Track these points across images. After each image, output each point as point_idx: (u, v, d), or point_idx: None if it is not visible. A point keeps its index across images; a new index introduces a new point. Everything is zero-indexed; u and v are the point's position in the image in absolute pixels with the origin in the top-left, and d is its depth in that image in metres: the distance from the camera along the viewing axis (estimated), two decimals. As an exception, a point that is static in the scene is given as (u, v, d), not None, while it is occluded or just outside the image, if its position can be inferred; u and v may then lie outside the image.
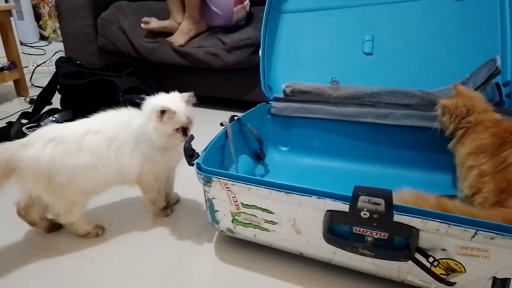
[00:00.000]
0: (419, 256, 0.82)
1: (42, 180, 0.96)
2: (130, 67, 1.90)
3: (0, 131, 1.64)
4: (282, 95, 1.45)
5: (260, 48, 1.49)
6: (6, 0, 3.46)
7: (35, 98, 1.93)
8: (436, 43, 1.34)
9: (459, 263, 0.80)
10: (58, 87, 1.81)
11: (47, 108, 1.82)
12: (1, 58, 2.36)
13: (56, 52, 2.84)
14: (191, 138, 1.03)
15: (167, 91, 1.12)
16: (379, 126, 1.34)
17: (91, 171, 1.01)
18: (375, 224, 0.80)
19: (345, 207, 0.82)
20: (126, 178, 1.09)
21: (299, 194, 0.86)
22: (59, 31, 3.25)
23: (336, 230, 0.87)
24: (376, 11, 1.42)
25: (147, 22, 2.07)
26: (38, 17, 3.96)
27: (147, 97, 1.69)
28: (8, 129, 1.64)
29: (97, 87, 1.69)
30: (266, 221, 0.95)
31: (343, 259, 0.91)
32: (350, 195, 0.80)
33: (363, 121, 1.36)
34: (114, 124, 1.06)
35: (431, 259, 0.81)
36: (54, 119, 1.70)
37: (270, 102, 1.46)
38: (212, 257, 1.05)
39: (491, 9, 1.29)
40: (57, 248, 1.08)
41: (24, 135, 1.01)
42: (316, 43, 1.50)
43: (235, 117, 1.26)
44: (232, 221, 0.99)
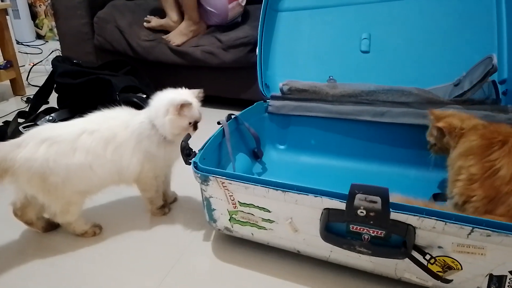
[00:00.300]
0: (416, 254, 0.82)
1: (36, 181, 0.96)
2: (127, 66, 1.89)
3: (-3, 131, 1.63)
4: (279, 93, 1.45)
5: (257, 47, 1.49)
6: (2, -1, 3.44)
7: (31, 97, 1.92)
8: (433, 41, 1.35)
9: (456, 260, 0.80)
10: (55, 86, 1.80)
11: (44, 107, 1.82)
12: (-3, 58, 2.35)
13: (52, 51, 2.83)
14: (188, 137, 1.03)
15: (164, 90, 1.12)
16: (376, 124, 1.34)
17: (86, 171, 1.01)
18: (371, 222, 0.81)
19: (342, 205, 0.82)
20: (124, 178, 1.09)
21: (296, 193, 0.86)
22: (55, 30, 3.24)
23: (333, 228, 0.87)
24: (373, 9, 1.42)
25: (149, 20, 2.11)
26: (34, 16, 3.95)
27: (144, 95, 1.70)
28: (5, 128, 1.64)
29: (93, 86, 1.68)
30: (263, 219, 0.95)
31: (340, 257, 0.92)
32: (347, 193, 0.80)
33: (360, 119, 1.36)
34: (111, 124, 1.05)
35: (428, 257, 0.82)
36: (51, 118, 1.70)
37: (268, 101, 1.46)
38: (210, 255, 1.05)
39: (488, 7, 1.29)
40: (54, 248, 1.07)
41: (21, 135, 1.01)
42: (313, 41, 1.50)
43: (232, 115, 1.26)
44: (229, 219, 1.00)
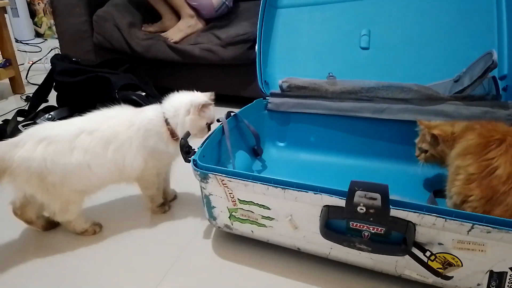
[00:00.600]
0: (416, 251, 0.82)
1: (34, 180, 0.96)
2: (126, 64, 1.89)
3: (-4, 129, 1.63)
4: (278, 90, 1.44)
5: (257, 44, 1.48)
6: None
7: (31, 95, 1.92)
8: (433, 37, 1.34)
9: (456, 257, 0.80)
10: (54, 84, 1.80)
11: (43, 105, 1.81)
12: (-4, 56, 2.35)
13: (51, 49, 2.82)
14: (187, 135, 1.03)
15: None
16: (376, 120, 1.34)
17: (85, 171, 1.00)
18: (371, 219, 0.80)
19: (341, 202, 0.82)
20: (126, 176, 1.09)
21: (296, 190, 0.86)
22: (54, 28, 3.24)
23: (333, 225, 0.87)
24: (372, 5, 1.42)
25: (147, 27, 2.15)
26: (33, 14, 3.94)
27: (143, 93, 1.70)
28: (4, 127, 1.64)
29: (93, 84, 1.68)
30: (263, 217, 0.95)
31: (340, 254, 0.92)
32: (347, 190, 0.80)
33: (360, 115, 1.35)
34: (111, 123, 1.05)
35: (428, 254, 0.82)
36: (50, 116, 1.69)
37: (267, 98, 1.46)
38: (210, 253, 1.05)
39: (488, 2, 1.29)
40: (54, 246, 1.07)
41: (20, 133, 1.01)
42: (313, 38, 1.50)
43: (232, 113, 1.26)
44: (229, 217, 0.99)
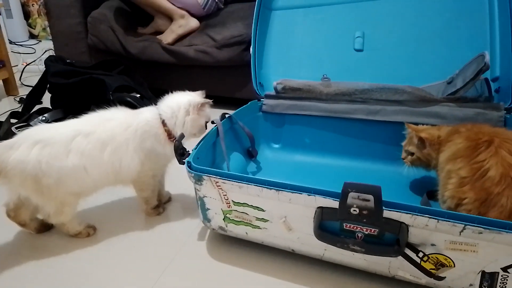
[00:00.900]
0: (409, 252, 0.83)
1: (29, 183, 0.96)
2: (120, 65, 1.88)
3: (-11, 131, 1.62)
4: (273, 92, 1.45)
5: (251, 46, 1.49)
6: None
7: (25, 97, 1.91)
8: (426, 39, 1.35)
9: (449, 257, 0.80)
10: (48, 86, 1.80)
11: (37, 107, 1.81)
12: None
13: (46, 51, 2.80)
14: (182, 137, 1.03)
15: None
16: (370, 122, 1.35)
17: (80, 174, 1.00)
18: (365, 220, 0.81)
19: (335, 204, 0.82)
20: (122, 178, 1.08)
21: (290, 192, 0.86)
22: (48, 30, 3.22)
23: (326, 226, 0.87)
24: (366, 7, 1.43)
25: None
26: (27, 15, 3.92)
27: (138, 95, 1.70)
28: (-3, 129, 1.63)
29: (87, 86, 1.67)
30: (258, 218, 0.95)
31: (334, 256, 0.92)
32: (340, 192, 0.80)
33: (354, 117, 1.36)
34: (108, 125, 1.05)
35: (421, 254, 0.82)
36: (44, 118, 1.69)
37: (262, 100, 1.46)
38: (205, 255, 1.05)
39: (480, 5, 1.30)
40: (48, 249, 1.07)
41: (14, 135, 1.00)
42: (307, 40, 1.50)
43: (226, 114, 1.26)
44: (223, 219, 1.00)
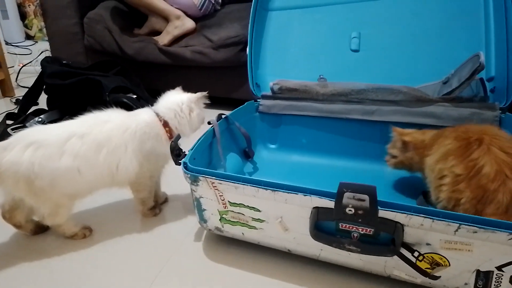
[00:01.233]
0: (404, 251, 0.83)
1: (22, 184, 0.95)
2: (117, 66, 1.88)
3: (-15, 133, 1.61)
4: (270, 92, 1.45)
5: (248, 46, 1.49)
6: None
7: (21, 98, 1.91)
8: (422, 40, 1.36)
9: (444, 257, 0.81)
10: (44, 87, 1.79)
11: (33, 108, 1.80)
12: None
13: (42, 52, 2.81)
14: (178, 137, 1.03)
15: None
16: (366, 122, 1.35)
17: (74, 176, 0.99)
18: (360, 220, 0.81)
19: (330, 204, 0.82)
20: (119, 180, 1.07)
21: (286, 192, 0.86)
22: (45, 30, 3.21)
23: (322, 226, 0.87)
24: (362, 8, 1.43)
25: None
26: (23, 16, 3.91)
27: (134, 96, 1.70)
28: (-7, 130, 1.63)
29: (83, 86, 1.67)
30: (254, 219, 0.95)
31: (330, 256, 0.92)
32: (335, 192, 0.81)
33: (350, 117, 1.36)
34: (104, 127, 1.04)
35: (416, 254, 0.82)
36: (40, 119, 1.68)
37: (258, 100, 1.46)
38: (201, 256, 1.05)
39: (476, 5, 1.30)
40: (44, 250, 1.07)
41: (9, 137, 1.00)
42: (304, 41, 1.51)
43: (223, 115, 1.26)
44: (220, 219, 1.00)
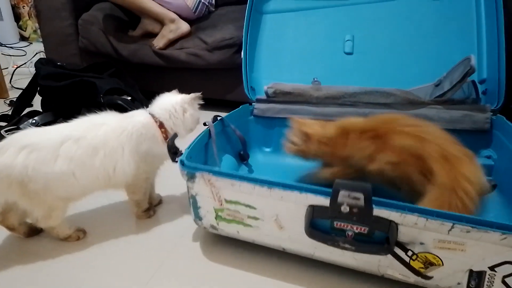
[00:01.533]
0: (398, 250, 0.84)
1: (15, 188, 0.95)
2: (111, 68, 1.87)
3: (-22, 134, 1.60)
4: (264, 96, 1.46)
5: (242, 50, 1.49)
6: (-17, 1, 3.39)
7: (15, 100, 1.89)
8: (414, 43, 1.38)
9: (437, 256, 0.81)
10: (38, 89, 1.78)
11: (27, 110, 1.79)
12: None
13: (36, 53, 2.78)
14: (175, 136, 1.04)
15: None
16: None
17: (69, 179, 0.99)
18: (355, 218, 0.82)
19: (326, 202, 0.83)
20: (115, 183, 1.07)
21: (282, 189, 0.87)
22: (39, 32, 3.20)
23: (317, 225, 0.88)
24: (356, 11, 1.45)
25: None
26: (17, 17, 3.89)
27: (129, 98, 1.70)
28: (-14, 132, 1.61)
29: (77, 88, 1.66)
30: (249, 216, 0.95)
31: (324, 254, 0.93)
32: (331, 190, 0.81)
33: (344, 120, 1.37)
34: (100, 130, 1.04)
35: (410, 253, 0.83)
36: (34, 121, 1.67)
37: (253, 104, 1.47)
38: (196, 256, 1.05)
39: (467, 8, 1.33)
40: (37, 253, 1.06)
41: (3, 138, 0.99)
42: (298, 44, 1.52)
43: (218, 117, 1.27)
44: (215, 217, 1.00)
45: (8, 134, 1.55)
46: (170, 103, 1.13)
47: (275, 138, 1.48)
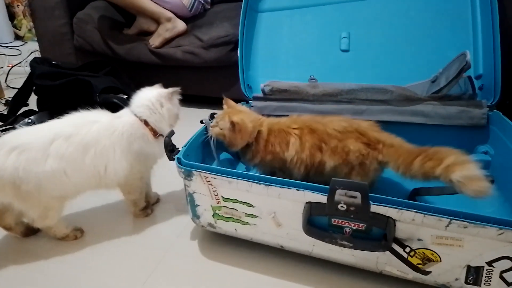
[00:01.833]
0: (396, 247, 0.84)
1: (9, 189, 0.94)
2: (107, 66, 1.87)
3: (-26, 134, 1.59)
4: (261, 94, 1.45)
5: (239, 48, 1.49)
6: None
7: (10, 99, 1.88)
8: (411, 39, 1.37)
9: (435, 252, 0.82)
10: (34, 88, 1.77)
11: (23, 109, 1.78)
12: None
13: (32, 52, 2.77)
14: (171, 133, 1.03)
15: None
16: (356, 122, 1.36)
17: (60, 178, 0.98)
18: (352, 216, 0.82)
19: (323, 199, 0.83)
20: (107, 182, 1.07)
21: (279, 187, 0.87)
22: (34, 31, 3.18)
23: (315, 222, 0.88)
24: (352, 8, 1.44)
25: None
26: (12, 16, 3.86)
27: (125, 96, 1.69)
28: (-18, 132, 1.60)
29: (73, 87, 1.66)
30: (247, 214, 0.95)
31: (322, 251, 0.93)
32: (328, 187, 0.81)
33: (341, 117, 1.37)
34: (91, 128, 1.03)
35: (408, 249, 0.83)
36: (30, 121, 1.66)
37: (250, 101, 1.47)
38: (193, 255, 1.05)
39: (463, 4, 1.32)
40: (35, 253, 1.06)
41: (-2, 138, 0.99)
42: (294, 41, 1.51)
43: (215, 114, 1.26)
44: (213, 215, 1.00)
45: (3, 134, 1.54)
46: (147, 99, 1.11)
47: (272, 135, 1.48)
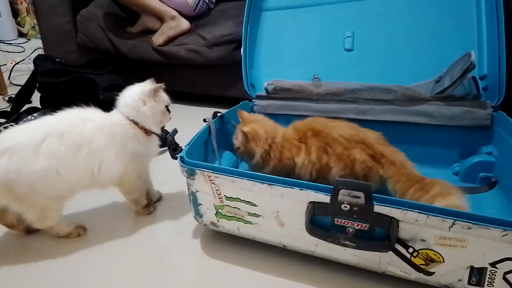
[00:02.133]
0: (399, 247, 0.84)
1: (3, 192, 0.93)
2: (110, 64, 1.87)
3: (-23, 131, 1.59)
4: (264, 93, 1.45)
5: (242, 47, 1.49)
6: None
7: (13, 96, 1.89)
8: (415, 39, 1.37)
9: (438, 253, 0.81)
10: (37, 85, 1.78)
11: (26, 106, 1.79)
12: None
13: (35, 50, 2.78)
14: (175, 132, 1.03)
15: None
16: (360, 121, 1.34)
17: (53, 177, 0.96)
18: (355, 216, 0.82)
19: (326, 199, 0.83)
20: (100, 181, 1.06)
21: (282, 186, 0.87)
22: (37, 28, 3.19)
23: (318, 221, 0.88)
24: (356, 7, 1.44)
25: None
26: (15, 13, 3.88)
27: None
28: (-15, 129, 1.61)
29: (76, 85, 1.66)
30: (250, 213, 0.95)
31: (325, 251, 0.92)
32: (331, 187, 0.81)
33: (344, 117, 1.36)
34: (86, 126, 1.01)
35: (411, 250, 0.83)
36: (33, 118, 1.67)
37: (253, 100, 1.47)
38: (196, 253, 1.04)
39: (468, 4, 1.32)
40: (37, 250, 1.06)
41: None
42: (298, 40, 1.51)
43: (218, 113, 1.26)
44: (215, 214, 1.00)
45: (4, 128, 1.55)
46: (130, 97, 1.09)
47: (275, 134, 1.48)
